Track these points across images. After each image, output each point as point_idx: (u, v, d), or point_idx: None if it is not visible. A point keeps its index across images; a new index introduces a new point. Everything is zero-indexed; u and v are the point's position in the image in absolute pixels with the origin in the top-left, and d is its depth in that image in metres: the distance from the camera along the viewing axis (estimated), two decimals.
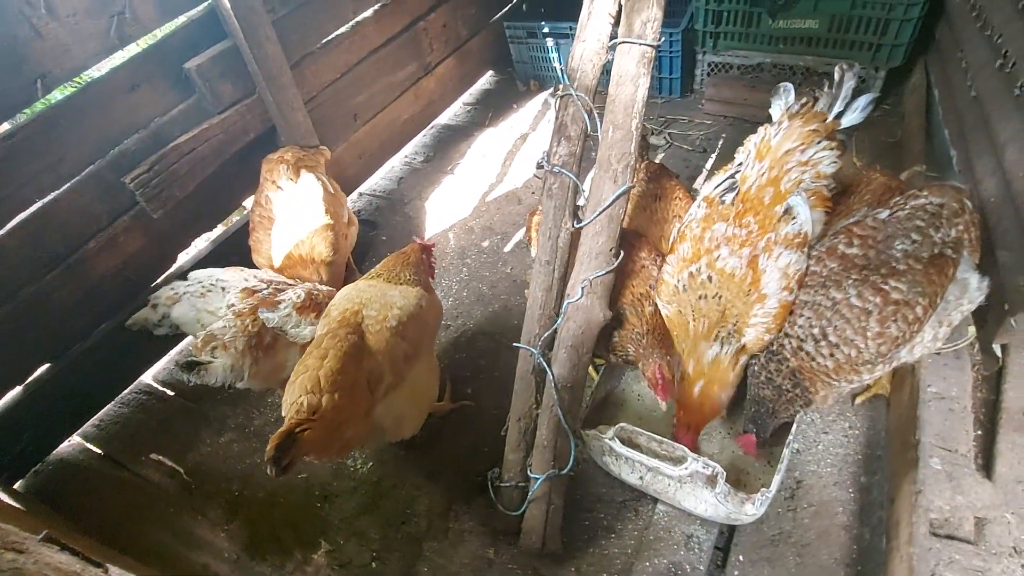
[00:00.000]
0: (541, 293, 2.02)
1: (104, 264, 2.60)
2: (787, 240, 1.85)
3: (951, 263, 1.74)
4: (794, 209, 1.86)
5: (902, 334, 1.69)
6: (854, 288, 1.74)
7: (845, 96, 2.01)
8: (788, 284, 1.83)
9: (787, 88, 2.08)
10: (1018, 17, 2.28)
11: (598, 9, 1.91)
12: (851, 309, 1.72)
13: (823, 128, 1.97)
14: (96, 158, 2.47)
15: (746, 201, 1.93)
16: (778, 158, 1.94)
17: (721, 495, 1.78)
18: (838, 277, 1.79)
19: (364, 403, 1.86)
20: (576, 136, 1.97)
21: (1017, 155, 2.02)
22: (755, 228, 1.87)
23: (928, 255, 1.75)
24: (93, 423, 2.83)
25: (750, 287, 1.85)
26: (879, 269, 1.75)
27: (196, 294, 2.32)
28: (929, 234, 1.78)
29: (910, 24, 3.15)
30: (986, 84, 2.43)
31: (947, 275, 1.73)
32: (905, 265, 1.73)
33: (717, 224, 1.92)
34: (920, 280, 1.70)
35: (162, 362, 3.05)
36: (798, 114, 2.00)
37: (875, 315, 1.69)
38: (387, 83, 3.73)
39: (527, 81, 4.59)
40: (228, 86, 2.78)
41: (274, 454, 1.54)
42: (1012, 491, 1.91)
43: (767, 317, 1.84)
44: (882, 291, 1.71)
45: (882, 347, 1.71)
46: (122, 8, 2.35)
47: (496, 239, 3.39)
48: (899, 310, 1.68)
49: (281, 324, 2.14)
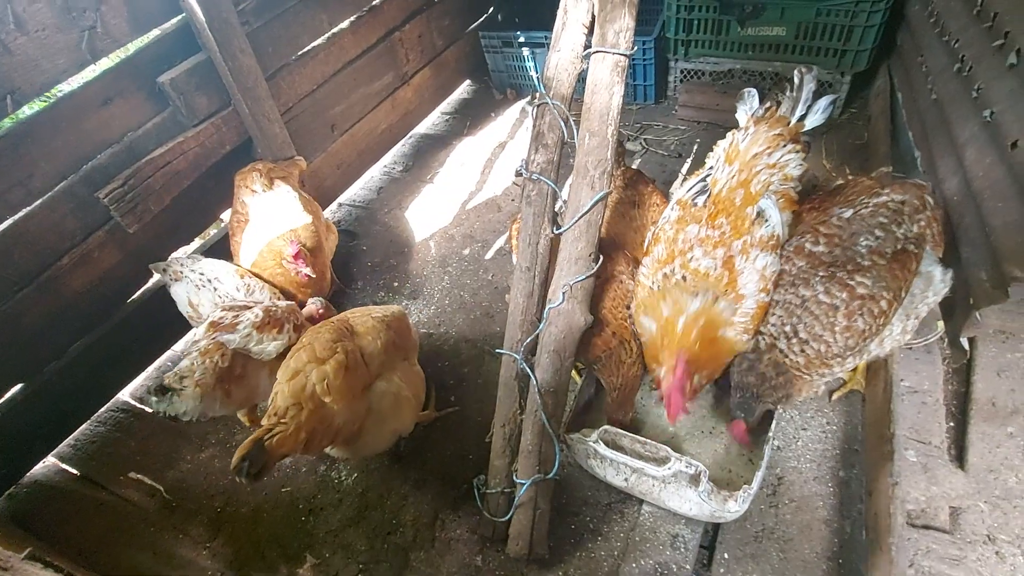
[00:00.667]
0: (522, 299, 2.04)
1: (78, 281, 2.55)
2: (762, 243, 1.90)
3: (914, 258, 1.81)
4: (766, 212, 1.91)
5: (868, 327, 1.75)
6: (821, 285, 1.80)
7: (806, 99, 2.08)
8: (765, 286, 1.88)
9: (751, 93, 2.15)
10: (973, 23, 2.38)
11: (572, 20, 1.95)
12: (819, 305, 1.78)
13: (787, 132, 2.05)
14: (68, 173, 2.43)
15: (718, 203, 1.98)
16: (747, 161, 2.01)
17: (704, 493, 1.81)
18: (806, 275, 1.85)
19: (363, 376, 1.97)
20: (553, 144, 2.00)
21: (976, 155, 2.10)
22: (728, 229, 1.92)
23: (892, 251, 1.81)
24: (69, 443, 2.76)
25: (727, 287, 1.89)
26: (845, 265, 1.81)
27: (194, 283, 2.50)
28: (892, 230, 1.85)
29: (872, 30, 3.26)
30: (945, 87, 2.52)
31: (910, 270, 1.79)
32: (869, 261, 1.79)
33: (690, 226, 1.97)
34: (884, 275, 1.76)
35: (139, 379, 3.00)
36: (763, 118, 2.08)
37: (842, 310, 1.75)
38: (364, 93, 3.74)
39: (504, 90, 4.63)
40: (203, 99, 2.76)
41: (239, 464, 1.57)
42: (984, 480, 1.97)
43: (745, 317, 1.88)
44: (848, 286, 1.76)
45: (849, 341, 1.76)
46: (93, 22, 2.32)
47: (477, 247, 3.40)
48: (865, 304, 1.74)
49: (243, 344, 2.16)
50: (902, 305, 1.83)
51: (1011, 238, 1.83)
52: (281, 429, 1.69)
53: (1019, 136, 1.85)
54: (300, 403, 1.77)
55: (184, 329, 3.09)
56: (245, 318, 2.21)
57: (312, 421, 1.77)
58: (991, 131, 2.05)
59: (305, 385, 1.81)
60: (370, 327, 2.10)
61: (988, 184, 2.00)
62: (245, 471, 1.57)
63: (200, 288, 2.50)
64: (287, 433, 1.68)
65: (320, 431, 1.80)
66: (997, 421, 2.06)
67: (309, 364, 1.85)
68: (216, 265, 2.60)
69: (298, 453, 1.77)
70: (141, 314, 2.82)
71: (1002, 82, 2.03)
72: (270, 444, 1.63)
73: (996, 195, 1.93)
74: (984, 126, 2.10)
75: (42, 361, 2.55)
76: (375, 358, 2.03)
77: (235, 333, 2.16)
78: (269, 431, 1.67)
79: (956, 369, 2.29)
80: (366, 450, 2.12)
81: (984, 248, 1.98)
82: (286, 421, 1.72)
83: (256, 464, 1.59)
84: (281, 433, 1.67)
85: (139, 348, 2.90)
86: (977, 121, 2.15)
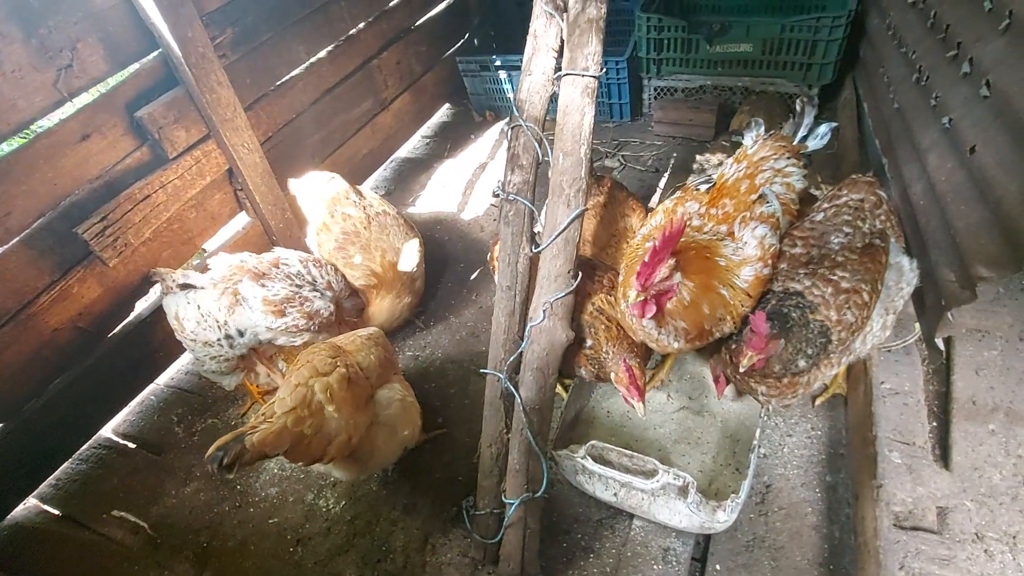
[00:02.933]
0: (504, 318, 2.05)
1: (57, 317, 2.52)
2: (762, 217, 1.95)
3: (881, 251, 1.88)
4: (767, 197, 1.99)
5: (856, 319, 1.78)
6: (808, 280, 1.84)
7: (807, 124, 2.24)
8: (763, 255, 1.88)
9: (758, 122, 2.29)
10: (928, 35, 2.47)
11: (542, 44, 2.01)
12: (816, 297, 1.81)
13: (791, 148, 2.17)
14: (46, 210, 2.42)
15: (723, 189, 2.06)
16: (755, 162, 2.12)
17: (693, 505, 1.81)
18: (790, 273, 1.89)
19: (364, 389, 2.03)
20: (528, 164, 2.03)
21: (938, 161, 2.17)
22: (731, 210, 1.98)
23: (861, 245, 1.88)
24: (50, 483, 2.70)
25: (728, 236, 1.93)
26: (823, 262, 1.86)
27: (182, 300, 2.53)
28: (858, 226, 1.93)
29: (835, 44, 3.37)
30: (906, 96, 2.60)
31: (880, 262, 1.85)
32: (843, 256, 1.85)
33: (690, 202, 2.04)
34: (859, 268, 1.82)
35: (122, 414, 2.95)
36: (769, 137, 2.20)
37: (832, 304, 1.78)
38: (344, 120, 3.78)
39: (483, 112, 4.70)
40: (182, 132, 2.77)
41: (214, 452, 1.57)
42: (969, 478, 1.99)
43: (745, 284, 1.87)
44: (831, 281, 1.81)
45: (843, 333, 1.79)
46: (69, 61, 2.34)
47: (460, 267, 3.42)
48: (850, 297, 1.78)
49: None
50: (880, 299, 1.87)
51: (975, 239, 1.89)
52: (265, 427, 1.68)
53: (976, 141, 1.91)
54: (295, 408, 1.77)
55: (166, 363, 3.06)
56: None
57: (301, 425, 1.76)
58: (951, 137, 2.12)
59: (306, 395, 1.82)
60: (360, 344, 2.16)
61: (951, 188, 2.06)
62: (219, 460, 1.56)
63: (186, 305, 2.52)
64: (270, 431, 1.67)
65: (309, 439, 1.79)
66: (979, 419, 2.09)
67: (312, 378, 1.87)
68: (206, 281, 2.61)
69: (286, 457, 1.75)
70: (122, 349, 2.79)
71: (957, 90, 2.11)
72: (250, 440, 1.62)
73: (959, 198, 1.99)
74: (944, 132, 2.17)
75: (21, 400, 2.50)
76: (373, 370, 2.09)
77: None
78: (253, 427, 1.67)
79: (935, 369, 2.33)
80: (376, 462, 2.12)
81: (951, 250, 2.03)
82: (271, 421, 1.72)
83: (230, 454, 1.57)
84: (264, 431, 1.66)
85: (121, 383, 2.86)
86: (937, 128, 2.23)
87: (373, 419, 2.04)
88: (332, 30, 3.55)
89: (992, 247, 1.80)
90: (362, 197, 3.03)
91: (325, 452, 1.84)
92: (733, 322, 1.89)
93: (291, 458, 1.77)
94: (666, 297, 1.79)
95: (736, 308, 1.87)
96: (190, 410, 2.91)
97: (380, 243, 2.88)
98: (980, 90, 1.94)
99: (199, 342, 2.49)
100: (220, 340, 2.48)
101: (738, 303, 1.87)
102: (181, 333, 2.53)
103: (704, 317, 1.84)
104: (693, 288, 1.81)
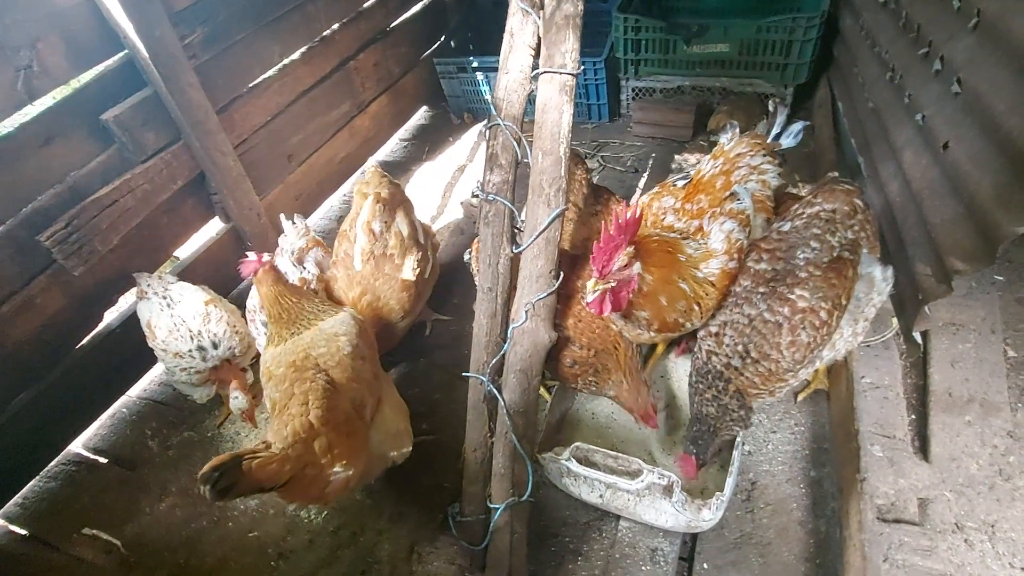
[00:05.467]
0: (486, 320, 2.02)
1: (20, 329, 2.42)
2: (731, 213, 1.99)
3: (850, 264, 1.84)
4: (739, 194, 2.02)
5: (812, 339, 1.77)
6: (764, 303, 1.82)
7: (780, 123, 2.32)
8: (729, 248, 1.92)
9: (732, 124, 2.36)
10: (900, 35, 2.52)
11: (519, 43, 1.98)
12: (765, 324, 1.80)
13: (765, 146, 2.23)
14: (6, 218, 2.32)
15: (699, 185, 2.11)
16: (731, 158, 2.17)
17: (679, 504, 1.80)
18: (749, 294, 1.87)
19: (361, 433, 1.89)
20: (507, 164, 2.01)
21: (913, 158, 2.20)
22: (705, 205, 2.02)
23: (828, 259, 1.84)
24: (16, 502, 2.59)
25: (696, 233, 1.98)
26: (785, 279, 1.84)
27: (156, 306, 2.51)
28: (827, 239, 1.88)
29: (810, 44, 3.42)
30: (880, 95, 2.64)
31: (847, 276, 1.82)
32: (806, 273, 1.82)
33: (666, 197, 2.08)
34: (821, 285, 1.79)
35: (93, 428, 2.84)
36: (745, 135, 2.27)
37: (785, 327, 1.77)
38: (321, 123, 3.71)
39: (461, 114, 4.67)
40: (151, 134, 2.69)
41: (209, 473, 1.43)
42: (947, 469, 2.02)
43: (712, 276, 1.91)
44: (789, 300, 1.79)
45: (796, 355, 1.78)
46: (29, 61, 2.25)
47: (441, 271, 3.37)
48: (806, 318, 1.76)
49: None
50: (847, 311, 1.86)
51: (949, 234, 1.92)
52: (266, 456, 1.57)
53: (949, 138, 1.95)
54: (301, 446, 1.65)
55: (138, 374, 2.97)
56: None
57: (302, 463, 1.64)
58: (924, 134, 2.15)
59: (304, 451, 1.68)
60: (346, 364, 1.96)
61: (926, 184, 2.09)
62: (214, 481, 1.43)
63: (160, 312, 2.48)
64: (271, 461, 1.56)
65: (308, 481, 1.67)
66: (955, 411, 2.12)
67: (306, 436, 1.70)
68: (184, 289, 2.58)
69: (280, 494, 1.64)
70: (90, 360, 2.69)
71: (929, 87, 2.15)
72: (248, 466, 1.51)
73: (933, 194, 2.02)
74: (918, 130, 2.20)
75: None
76: (366, 405, 1.95)
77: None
78: (253, 452, 1.57)
79: (913, 363, 2.36)
80: (360, 483, 2.05)
81: (927, 245, 2.06)
82: (274, 450, 1.61)
83: (228, 478, 1.45)
84: (264, 459, 1.55)
85: (90, 396, 2.76)
86: (911, 125, 2.26)
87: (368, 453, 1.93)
88: (308, 30, 3.50)
89: (967, 241, 1.83)
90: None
91: (323, 494, 1.75)
92: (700, 314, 1.92)
93: (287, 496, 1.66)
94: (624, 293, 1.77)
95: (703, 300, 1.91)
96: (164, 423, 2.81)
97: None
98: (951, 87, 1.97)
99: (170, 352, 2.42)
100: (192, 351, 2.41)
101: (703, 295, 1.90)
102: (153, 341, 2.46)
103: (663, 308, 1.86)
104: (652, 281, 1.82)
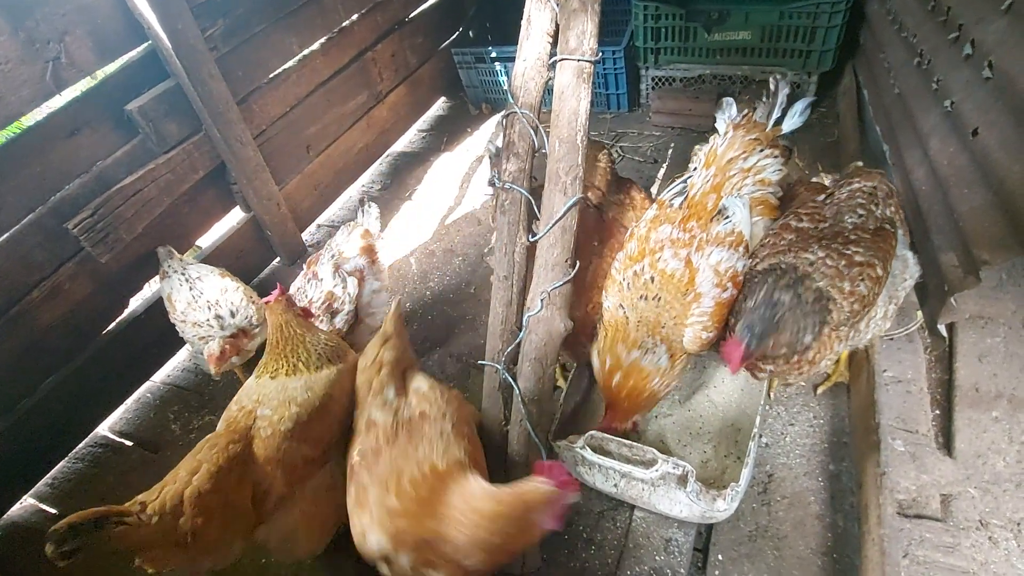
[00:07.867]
0: (501, 308, 2.02)
1: (49, 314, 2.50)
2: (719, 239, 1.91)
3: (892, 235, 1.86)
4: (728, 209, 1.93)
5: (868, 293, 1.75)
6: (822, 251, 1.79)
7: (781, 103, 2.12)
8: (721, 281, 1.86)
9: (729, 103, 2.20)
10: (929, 18, 2.44)
11: (536, 29, 1.97)
12: (827, 267, 1.76)
13: (764, 137, 2.09)
14: (36, 205, 2.39)
15: (692, 207, 2.00)
16: (722, 166, 2.05)
17: (693, 494, 1.79)
18: (801, 244, 1.83)
19: (242, 524, 1.63)
20: (524, 152, 2.00)
21: (939, 145, 2.14)
22: (697, 232, 1.93)
23: (874, 227, 1.86)
24: (46, 482, 2.68)
25: (687, 287, 1.89)
26: (835, 239, 1.82)
27: (176, 283, 2.59)
28: (871, 209, 1.90)
29: (835, 31, 3.33)
30: (907, 82, 2.57)
31: (891, 244, 1.84)
32: (856, 235, 1.82)
33: (663, 226, 1.98)
34: (872, 246, 1.79)
35: (118, 412, 2.93)
36: (740, 124, 2.12)
37: (847, 275, 1.74)
38: (339, 114, 3.74)
39: (479, 105, 4.66)
40: (173, 125, 2.74)
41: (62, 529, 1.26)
42: (973, 465, 1.97)
43: (704, 316, 1.86)
44: (845, 255, 1.77)
45: (855, 305, 1.75)
46: (57, 53, 2.31)
47: (458, 260, 3.39)
48: (864, 270, 1.75)
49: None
50: (886, 284, 1.84)
51: (978, 223, 1.86)
52: (135, 523, 1.39)
53: (978, 124, 1.89)
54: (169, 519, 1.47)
55: (162, 360, 3.04)
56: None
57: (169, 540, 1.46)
58: (952, 120, 2.09)
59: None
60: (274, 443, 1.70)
61: (953, 172, 2.03)
62: (57, 540, 1.25)
63: (179, 288, 2.58)
64: (141, 528, 1.38)
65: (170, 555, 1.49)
66: (982, 406, 2.07)
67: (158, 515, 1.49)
68: (202, 268, 2.67)
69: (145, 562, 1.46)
70: (116, 346, 2.76)
71: (959, 73, 2.08)
72: (112, 531, 1.34)
73: (961, 182, 1.97)
74: (945, 116, 2.14)
75: (13, 399, 2.48)
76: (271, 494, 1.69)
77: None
78: (121, 514, 1.39)
79: (938, 357, 2.30)
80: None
81: (954, 234, 2.01)
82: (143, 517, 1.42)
83: (80, 540, 1.27)
84: (134, 526, 1.37)
85: (116, 380, 2.84)
86: (939, 112, 2.20)
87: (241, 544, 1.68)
88: (325, 21, 3.51)
89: (995, 230, 1.78)
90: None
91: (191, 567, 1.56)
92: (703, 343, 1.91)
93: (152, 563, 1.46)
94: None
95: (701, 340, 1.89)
96: (187, 407, 2.88)
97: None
98: (982, 72, 1.91)
99: (188, 323, 2.50)
100: (209, 320, 2.49)
101: (702, 338, 1.88)
102: (172, 315, 2.56)
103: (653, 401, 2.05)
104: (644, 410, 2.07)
